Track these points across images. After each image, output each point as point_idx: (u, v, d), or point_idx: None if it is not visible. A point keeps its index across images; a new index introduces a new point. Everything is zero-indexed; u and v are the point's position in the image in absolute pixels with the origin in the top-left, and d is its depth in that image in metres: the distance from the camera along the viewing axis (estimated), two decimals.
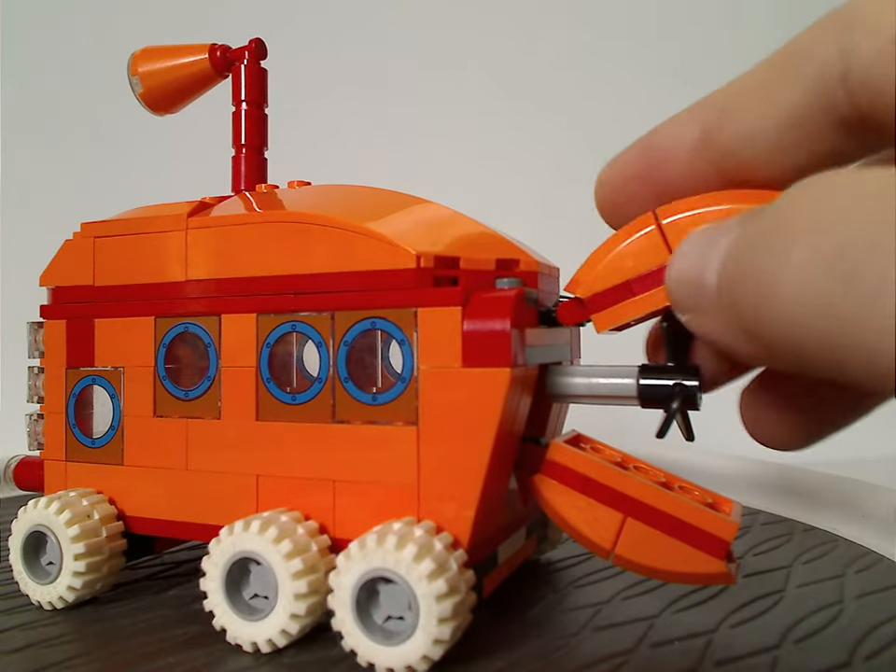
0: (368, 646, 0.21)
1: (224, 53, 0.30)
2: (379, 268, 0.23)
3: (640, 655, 0.22)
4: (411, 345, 0.22)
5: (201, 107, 0.32)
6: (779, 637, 0.23)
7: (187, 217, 0.26)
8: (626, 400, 0.23)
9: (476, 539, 0.22)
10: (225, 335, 0.25)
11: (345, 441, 0.23)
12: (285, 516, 0.23)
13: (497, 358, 0.21)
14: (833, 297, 0.11)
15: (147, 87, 0.30)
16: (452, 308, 0.22)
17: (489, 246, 0.24)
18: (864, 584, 0.28)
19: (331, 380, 0.23)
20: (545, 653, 0.22)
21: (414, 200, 0.26)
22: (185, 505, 0.26)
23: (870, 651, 0.22)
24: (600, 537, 0.22)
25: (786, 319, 0.12)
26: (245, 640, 0.22)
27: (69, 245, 0.28)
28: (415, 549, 0.20)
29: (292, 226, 0.24)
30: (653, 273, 0.21)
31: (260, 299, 0.24)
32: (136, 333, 0.27)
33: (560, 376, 0.23)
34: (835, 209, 0.11)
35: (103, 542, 0.26)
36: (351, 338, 0.23)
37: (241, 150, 0.29)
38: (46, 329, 0.29)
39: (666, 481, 0.23)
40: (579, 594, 0.27)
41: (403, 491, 0.22)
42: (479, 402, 0.21)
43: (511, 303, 0.21)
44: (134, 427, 0.27)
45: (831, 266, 0.11)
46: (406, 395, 0.22)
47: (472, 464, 0.21)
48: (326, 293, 0.23)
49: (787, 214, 0.12)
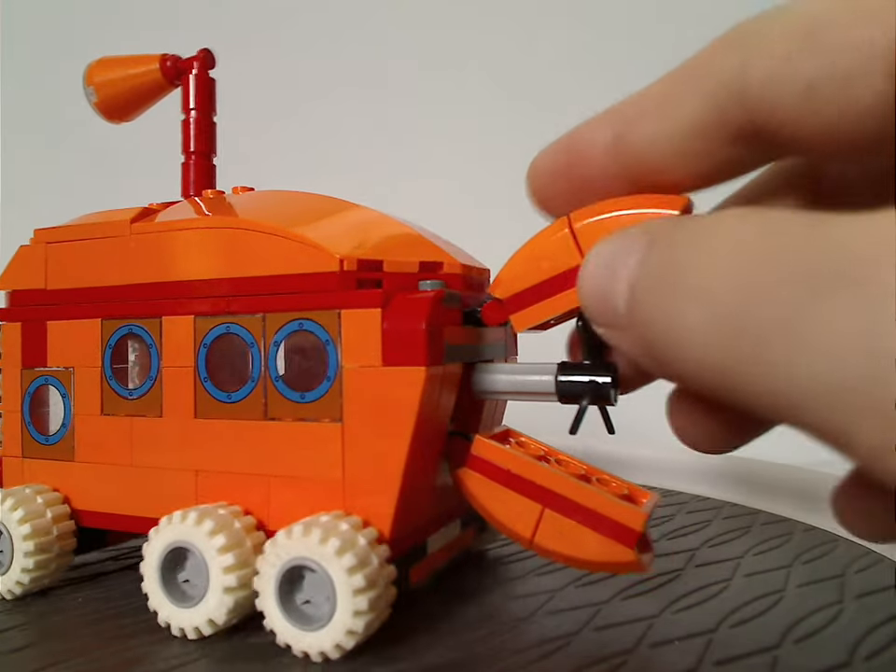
0: (286, 628, 0.22)
1: (174, 63, 0.31)
2: (305, 271, 0.24)
3: (640, 655, 0.22)
4: (335, 345, 0.23)
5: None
6: (779, 636, 0.23)
7: (130, 222, 0.27)
8: (546, 396, 0.24)
9: (399, 531, 0.23)
10: (166, 336, 0.26)
11: (277, 437, 0.24)
12: (223, 510, 0.24)
13: (413, 357, 0.22)
14: (723, 345, 0.12)
15: (102, 96, 0.31)
16: (372, 310, 0.22)
17: (414, 249, 0.25)
18: (864, 584, 0.28)
19: (263, 379, 0.24)
20: (544, 653, 0.22)
21: (348, 205, 0.27)
22: (130, 499, 0.27)
23: (870, 651, 0.22)
24: (521, 527, 0.23)
25: (685, 358, 0.13)
26: (175, 625, 0.23)
27: (24, 250, 0.29)
28: (339, 542, 0.21)
29: (225, 231, 0.25)
30: (566, 275, 0.22)
31: (197, 301, 0.25)
32: (84, 335, 0.28)
33: (483, 373, 0.24)
34: (721, 270, 0.12)
35: (53, 541, 0.27)
36: (280, 338, 0.24)
37: (189, 157, 0.30)
38: (3, 332, 0.30)
39: (586, 473, 0.24)
40: (578, 593, 0.27)
41: (331, 485, 0.23)
42: (397, 399, 0.22)
43: (427, 305, 0.22)
44: (84, 425, 0.28)
45: (719, 321, 0.12)
46: (331, 393, 0.23)
47: (392, 459, 0.22)
48: (257, 296, 0.24)
49: (681, 263, 0.13)
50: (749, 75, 0.14)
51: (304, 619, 0.22)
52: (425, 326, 0.22)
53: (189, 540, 0.23)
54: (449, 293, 0.23)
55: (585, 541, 0.22)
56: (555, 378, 0.23)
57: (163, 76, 0.31)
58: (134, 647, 0.23)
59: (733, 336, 0.12)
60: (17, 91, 0.66)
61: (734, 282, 0.12)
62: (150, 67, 0.31)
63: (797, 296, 0.11)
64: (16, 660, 0.23)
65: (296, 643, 0.21)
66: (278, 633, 0.22)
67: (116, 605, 0.27)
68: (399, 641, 0.23)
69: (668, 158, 0.16)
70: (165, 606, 0.24)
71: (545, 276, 0.22)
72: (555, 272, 0.22)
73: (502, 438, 0.25)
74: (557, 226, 0.22)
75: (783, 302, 0.11)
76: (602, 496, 0.22)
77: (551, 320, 0.23)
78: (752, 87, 0.14)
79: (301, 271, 0.24)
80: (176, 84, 0.31)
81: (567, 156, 0.19)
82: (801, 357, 0.11)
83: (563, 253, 0.21)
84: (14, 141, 0.64)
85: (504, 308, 0.23)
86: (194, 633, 0.23)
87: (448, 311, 0.23)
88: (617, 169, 0.18)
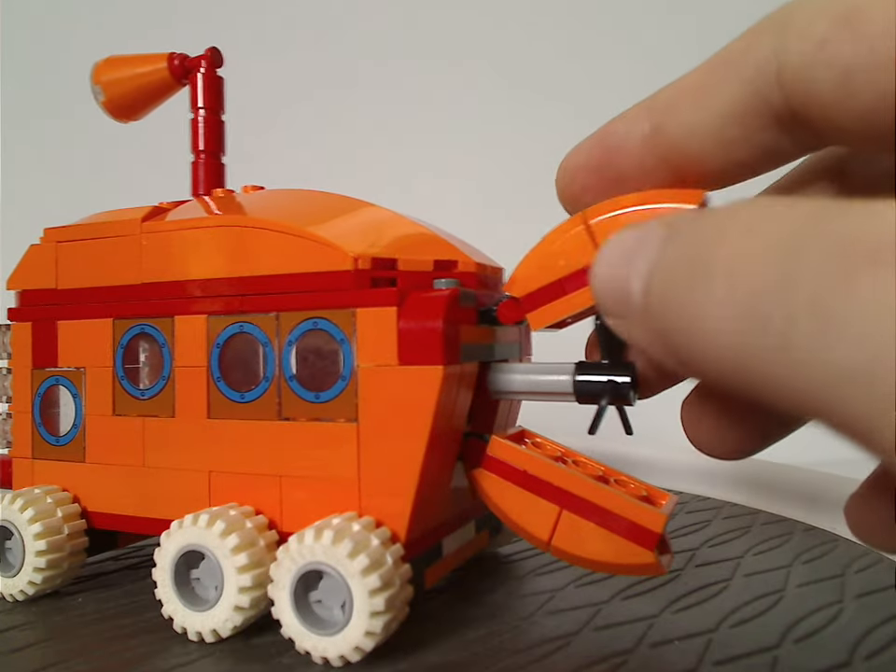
0: (305, 635, 0.21)
1: (182, 62, 0.30)
2: (320, 270, 0.23)
3: (640, 655, 0.22)
4: (350, 344, 0.23)
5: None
6: (779, 636, 0.23)
7: (141, 221, 0.27)
8: (563, 396, 0.23)
9: (414, 532, 0.23)
10: (178, 336, 0.26)
11: (291, 437, 0.24)
12: (234, 510, 0.24)
13: (430, 356, 0.22)
14: (747, 330, 0.11)
15: (109, 95, 0.31)
16: (388, 308, 0.22)
17: (428, 248, 0.25)
18: (864, 584, 0.28)
19: (277, 378, 0.24)
20: (544, 653, 0.22)
21: (361, 204, 0.27)
22: (142, 501, 0.27)
23: (870, 651, 0.22)
24: (538, 529, 0.23)
25: (705, 347, 0.12)
26: (191, 630, 0.23)
27: (34, 249, 0.29)
28: (351, 544, 0.21)
29: (238, 230, 0.25)
30: (582, 272, 0.21)
31: (210, 300, 0.25)
32: (96, 335, 0.27)
33: (499, 373, 0.24)
34: (749, 252, 0.12)
35: (64, 540, 0.27)
36: (295, 337, 0.24)
37: (199, 156, 0.30)
38: (13, 332, 0.30)
39: (604, 474, 0.24)
40: (578, 593, 0.27)
41: (345, 486, 0.23)
42: (414, 399, 0.22)
43: (443, 303, 0.22)
44: (95, 426, 0.28)
45: (744, 305, 0.11)
46: (347, 392, 0.23)
47: (408, 459, 0.22)
48: (271, 294, 0.24)
49: (705, 247, 0.13)
50: (784, 60, 0.14)
51: (321, 624, 0.21)
52: (441, 324, 0.22)
53: (202, 543, 0.23)
54: (464, 292, 0.23)
55: (604, 544, 0.22)
56: (573, 378, 0.23)
57: (171, 74, 0.31)
58: (134, 647, 0.23)
59: (758, 320, 0.11)
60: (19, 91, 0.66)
61: (761, 265, 0.11)
62: (158, 66, 0.31)
63: (830, 276, 0.10)
64: (15, 660, 0.22)
65: (314, 649, 0.21)
66: (297, 640, 0.22)
67: (116, 605, 0.26)
68: (397, 641, 0.22)
69: (707, 147, 0.16)
70: (180, 611, 0.23)
71: (561, 274, 0.22)
72: (571, 269, 0.21)
73: (518, 438, 0.25)
74: (573, 223, 0.22)
75: (815, 282, 0.10)
76: (621, 497, 0.22)
77: (567, 319, 0.22)
78: (788, 72, 0.14)
79: (315, 269, 0.23)
80: (184, 83, 0.31)
81: (601, 150, 0.18)
82: (830, 340, 0.10)
83: (578, 250, 0.21)
84: (19, 139, 0.64)
85: (520, 307, 0.22)
86: (212, 636, 0.23)
87: (464, 310, 0.23)
88: (654, 162, 0.17)
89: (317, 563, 0.21)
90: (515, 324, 0.23)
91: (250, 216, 0.25)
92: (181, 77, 0.31)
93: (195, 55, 0.31)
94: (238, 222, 0.25)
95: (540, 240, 0.22)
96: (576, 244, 0.21)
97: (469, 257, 0.25)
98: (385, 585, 0.21)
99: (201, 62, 0.30)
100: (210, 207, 0.27)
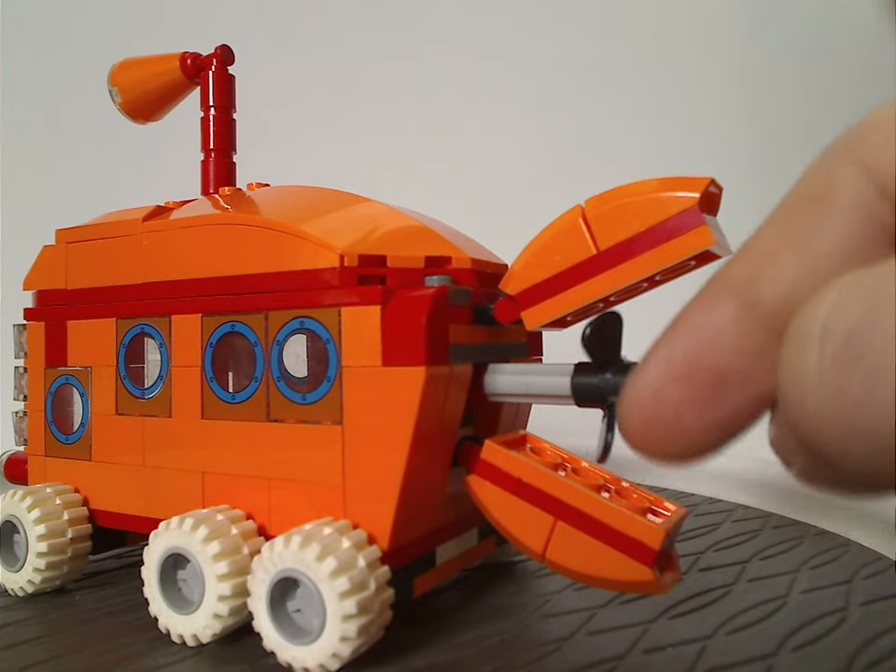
0: (283, 647, 0.21)
1: (194, 61, 0.30)
2: (307, 267, 0.23)
3: (630, 661, 0.22)
4: (336, 344, 0.22)
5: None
6: (777, 644, 0.22)
7: (142, 220, 0.26)
8: (561, 399, 0.22)
9: (400, 539, 0.22)
10: (175, 335, 0.26)
11: (279, 439, 0.23)
12: (222, 515, 0.23)
13: (412, 357, 0.21)
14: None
15: (126, 97, 0.31)
16: (372, 307, 0.21)
17: (421, 243, 0.24)
18: (871, 591, 0.26)
19: (265, 379, 0.23)
20: (536, 657, 0.22)
21: (357, 199, 0.26)
22: (142, 500, 0.26)
23: (870, 661, 0.21)
24: (532, 540, 0.21)
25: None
26: (174, 632, 0.23)
27: (47, 250, 0.30)
28: (319, 548, 0.20)
29: (229, 227, 0.24)
30: (580, 267, 0.20)
31: (204, 300, 0.25)
32: (100, 334, 0.27)
33: (494, 374, 0.23)
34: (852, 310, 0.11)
35: (66, 543, 0.27)
36: (282, 337, 0.23)
37: (209, 154, 0.30)
38: (28, 331, 0.30)
39: (605, 484, 0.23)
40: (576, 596, 0.26)
41: (331, 490, 0.22)
42: (397, 401, 0.21)
43: (428, 302, 0.21)
44: (100, 425, 0.28)
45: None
46: (332, 394, 0.22)
47: (391, 463, 0.21)
48: (260, 293, 0.24)
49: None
50: (879, 168, 0.13)
51: (302, 634, 0.21)
52: (424, 324, 0.21)
53: (185, 547, 0.22)
54: (455, 289, 0.22)
55: (600, 558, 0.20)
56: (571, 380, 0.21)
57: (184, 73, 0.31)
58: (126, 645, 0.23)
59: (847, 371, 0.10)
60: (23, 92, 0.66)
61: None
62: (172, 66, 0.31)
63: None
64: (8, 656, 0.23)
65: (294, 660, 0.21)
66: (277, 653, 0.21)
67: (112, 603, 0.26)
68: (388, 643, 0.22)
69: (821, 286, 0.14)
70: (164, 611, 0.23)
71: (558, 269, 0.21)
72: (569, 264, 0.20)
73: (516, 443, 0.24)
74: (570, 215, 0.21)
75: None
76: (616, 509, 0.20)
77: (567, 316, 0.21)
78: (888, 177, 0.13)
79: (303, 267, 0.23)
80: (196, 82, 0.31)
81: (683, 353, 0.15)
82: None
83: (576, 244, 0.20)
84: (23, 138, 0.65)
85: (515, 304, 0.21)
86: (192, 640, 0.22)
87: (454, 308, 0.22)
88: (760, 340, 0.14)
89: (288, 570, 0.20)
90: (513, 323, 0.22)
91: (241, 213, 0.24)
92: (193, 76, 0.31)
93: (206, 54, 0.30)
94: (229, 220, 0.24)
95: (537, 235, 0.21)
96: (573, 238, 0.20)
97: (464, 252, 0.24)
98: (355, 587, 0.20)
99: (212, 60, 0.30)
100: (209, 206, 0.27)
